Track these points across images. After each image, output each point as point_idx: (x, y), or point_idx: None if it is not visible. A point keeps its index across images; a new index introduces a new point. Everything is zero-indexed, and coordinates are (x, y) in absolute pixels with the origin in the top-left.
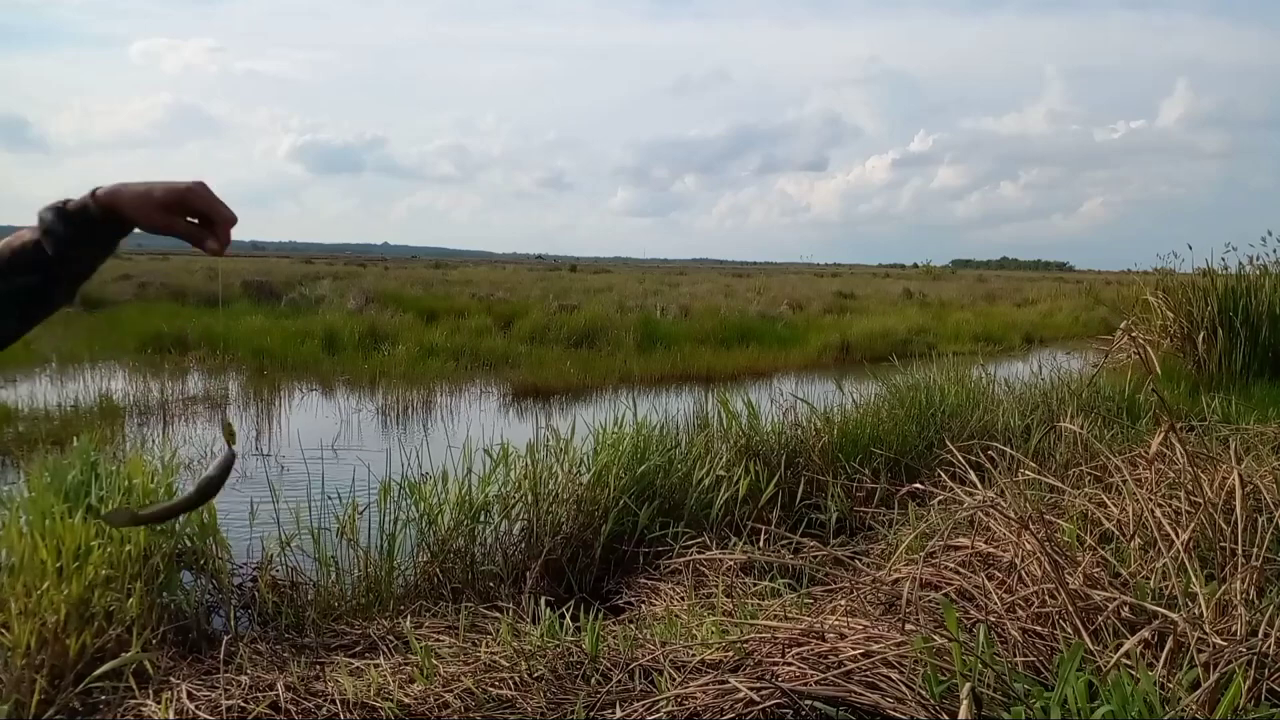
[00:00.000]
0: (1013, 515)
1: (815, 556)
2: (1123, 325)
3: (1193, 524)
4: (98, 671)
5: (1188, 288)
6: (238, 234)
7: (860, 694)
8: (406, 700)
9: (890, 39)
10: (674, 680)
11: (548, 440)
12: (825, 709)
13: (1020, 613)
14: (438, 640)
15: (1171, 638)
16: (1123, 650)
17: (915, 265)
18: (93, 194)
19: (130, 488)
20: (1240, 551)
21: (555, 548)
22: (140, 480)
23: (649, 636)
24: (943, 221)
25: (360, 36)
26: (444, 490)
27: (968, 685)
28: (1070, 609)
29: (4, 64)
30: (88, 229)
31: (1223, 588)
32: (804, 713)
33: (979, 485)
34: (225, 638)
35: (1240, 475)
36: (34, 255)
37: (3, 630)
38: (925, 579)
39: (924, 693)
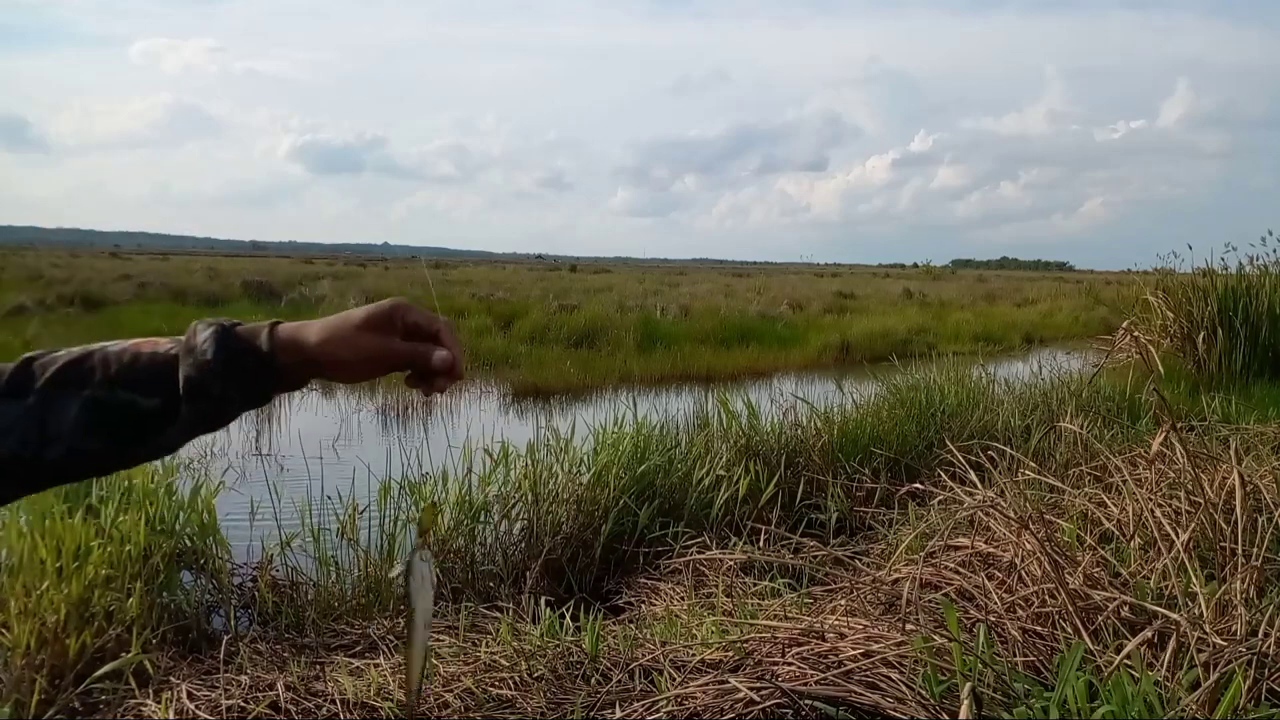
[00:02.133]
0: (1013, 515)
1: (815, 556)
2: (1125, 324)
3: (1193, 524)
4: (98, 672)
5: (1188, 288)
6: (238, 234)
7: (860, 694)
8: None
9: (890, 39)
10: (674, 680)
11: (548, 440)
12: (825, 709)
13: (1020, 613)
14: (438, 640)
15: (1172, 638)
16: (1125, 652)
17: (915, 265)
18: (271, 329)
19: (130, 487)
20: (1240, 551)
21: (555, 548)
22: (140, 480)
23: (649, 636)
24: (943, 221)
25: (360, 36)
26: (444, 490)
27: (968, 685)
28: (1070, 609)
29: (4, 64)
30: (249, 370)
31: (1223, 588)
32: (804, 713)
33: (979, 485)
34: (225, 637)
35: (1240, 475)
36: (162, 371)
37: (3, 630)
38: (925, 579)
39: (924, 693)
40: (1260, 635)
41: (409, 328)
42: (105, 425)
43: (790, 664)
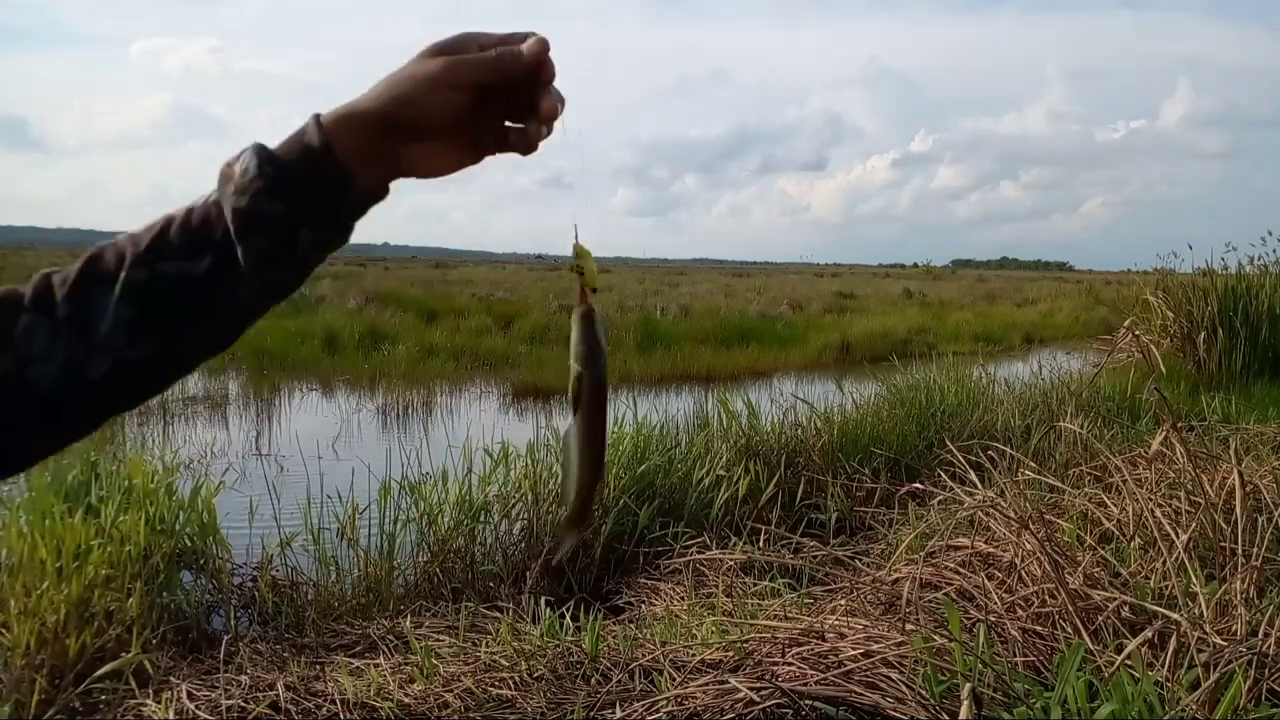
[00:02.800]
0: (1013, 515)
1: (815, 556)
2: (1126, 323)
3: (1193, 524)
4: (98, 672)
5: (1188, 288)
6: None
7: (860, 694)
8: (406, 700)
9: (890, 38)
10: (674, 680)
11: (548, 440)
12: (825, 709)
13: (1020, 613)
14: (438, 640)
15: (1172, 638)
16: (1126, 652)
17: (915, 265)
18: (315, 118)
19: (130, 487)
20: (1240, 551)
21: (555, 548)
22: (140, 480)
23: (649, 636)
24: (943, 221)
25: (360, 36)
26: (444, 490)
27: (968, 685)
28: (1070, 609)
29: (4, 64)
30: (307, 174)
31: (1223, 588)
32: (804, 713)
33: (979, 485)
34: (225, 637)
35: (1240, 475)
36: (205, 225)
37: (3, 630)
38: (925, 579)
39: (924, 693)
40: (1260, 635)
41: (486, 49)
42: (153, 316)
43: (790, 664)
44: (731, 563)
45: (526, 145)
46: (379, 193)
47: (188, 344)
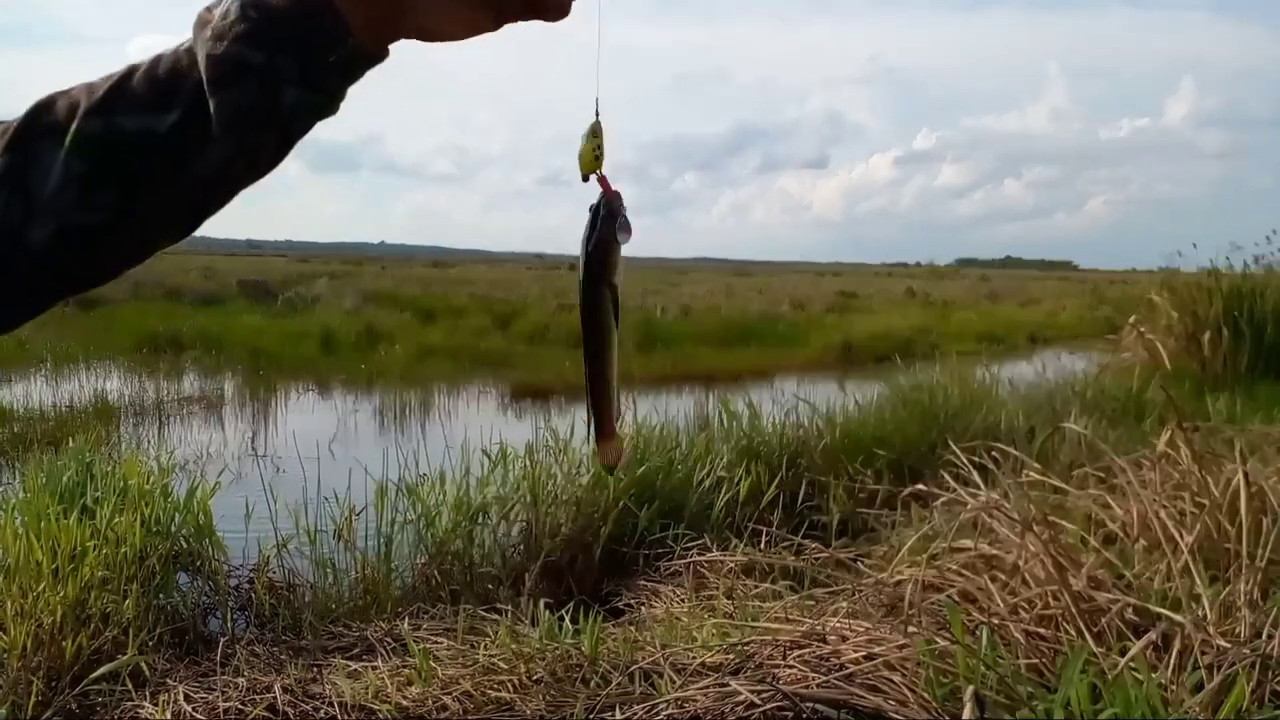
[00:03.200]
0: (1016, 516)
1: (817, 558)
2: (1131, 320)
3: (1197, 525)
4: (95, 674)
5: (1193, 287)
6: (234, 233)
7: (862, 697)
8: (404, 703)
9: (891, 37)
10: (674, 683)
11: (546, 441)
12: (827, 712)
13: (1024, 615)
14: (436, 643)
15: (1176, 640)
16: (1130, 655)
17: (918, 264)
18: None
19: (126, 488)
20: (1245, 553)
21: (554, 549)
22: (136, 481)
23: (649, 639)
24: (946, 220)
25: None
26: (442, 492)
27: (971, 688)
28: (1074, 611)
29: (4, 64)
30: (298, 18)
31: (1227, 589)
32: (805, 716)
33: (982, 486)
34: (222, 640)
35: (1245, 476)
36: (175, 76)
37: None
38: (928, 581)
39: (926, 696)
40: (1264, 637)
41: None
42: (106, 175)
43: (791, 667)
44: (732, 564)
45: (559, 5)
46: (377, 53)
47: (144, 215)
